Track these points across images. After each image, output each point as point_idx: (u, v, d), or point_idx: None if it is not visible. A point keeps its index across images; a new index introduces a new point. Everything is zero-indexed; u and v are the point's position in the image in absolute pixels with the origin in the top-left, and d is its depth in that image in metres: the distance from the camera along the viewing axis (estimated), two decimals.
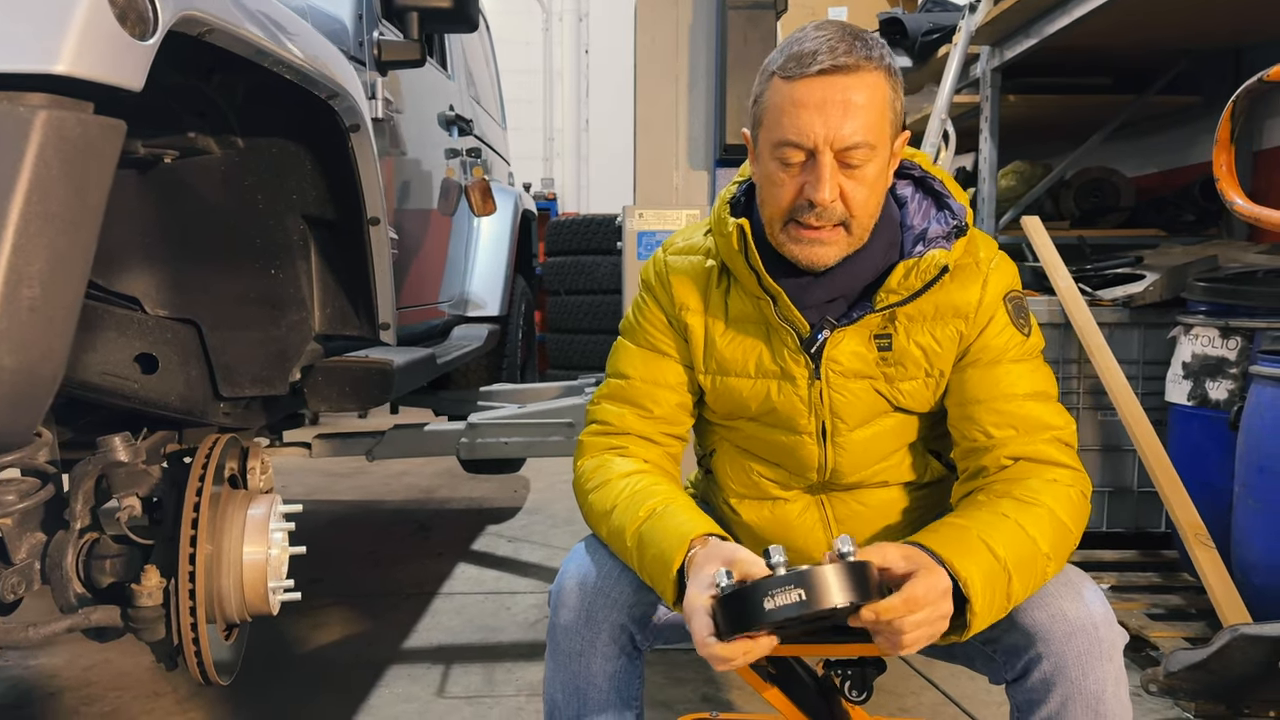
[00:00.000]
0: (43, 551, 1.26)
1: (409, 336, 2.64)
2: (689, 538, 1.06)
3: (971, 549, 1.02)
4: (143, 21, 0.88)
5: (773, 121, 1.11)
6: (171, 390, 1.75)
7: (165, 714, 2.00)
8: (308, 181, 1.66)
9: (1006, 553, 1.03)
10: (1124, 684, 1.05)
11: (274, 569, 1.30)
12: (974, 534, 1.05)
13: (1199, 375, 2.44)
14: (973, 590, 0.99)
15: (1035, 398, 1.17)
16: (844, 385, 1.20)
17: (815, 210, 1.10)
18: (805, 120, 1.08)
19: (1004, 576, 1.02)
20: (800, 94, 1.08)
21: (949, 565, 0.99)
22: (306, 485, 4.28)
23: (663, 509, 1.12)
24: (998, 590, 1.01)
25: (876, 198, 1.14)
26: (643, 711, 1.23)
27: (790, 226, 1.13)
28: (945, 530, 1.07)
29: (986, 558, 1.02)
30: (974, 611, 0.99)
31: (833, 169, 1.09)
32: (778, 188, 1.12)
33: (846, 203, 1.10)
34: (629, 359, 1.30)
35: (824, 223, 1.11)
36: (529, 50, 7.22)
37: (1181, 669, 1.92)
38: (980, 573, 1.00)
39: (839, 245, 1.13)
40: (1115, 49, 3.43)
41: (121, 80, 0.85)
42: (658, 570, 1.08)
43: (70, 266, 0.84)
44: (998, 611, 1.02)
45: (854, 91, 1.08)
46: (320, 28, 1.95)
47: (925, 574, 0.97)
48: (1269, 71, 1.53)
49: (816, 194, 1.08)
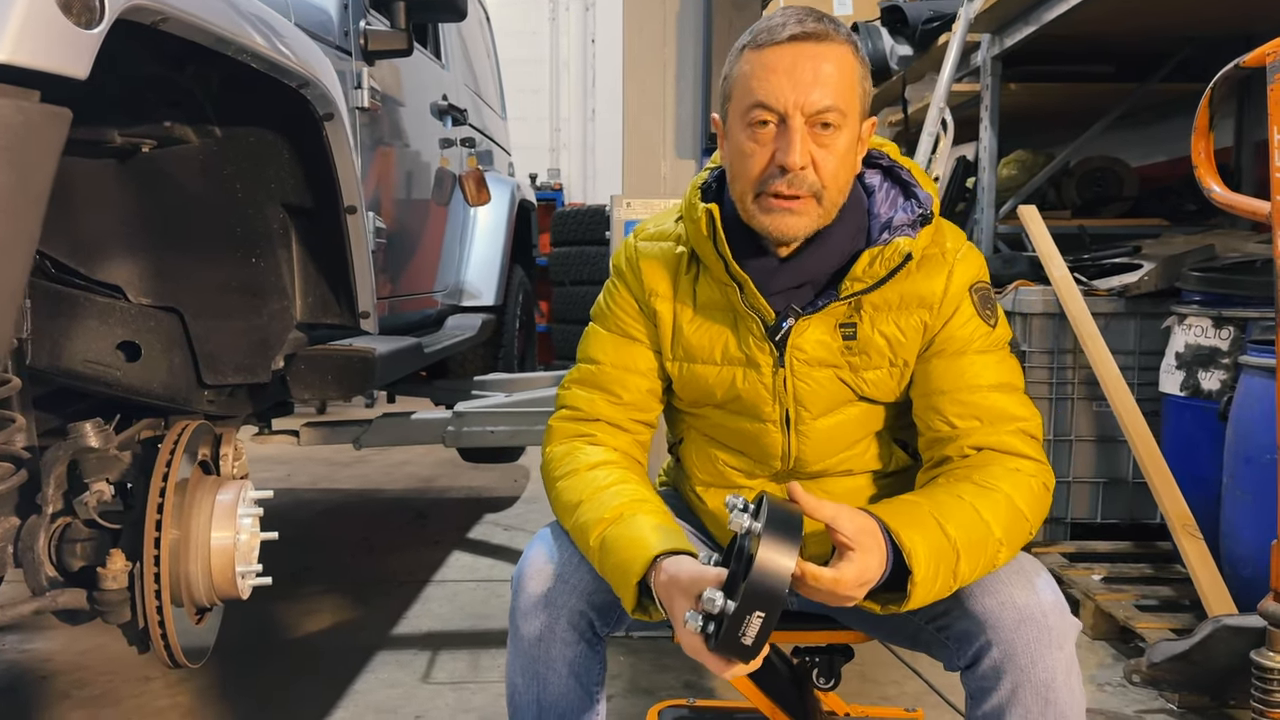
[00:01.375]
0: (16, 535, 1.28)
1: (403, 325, 2.65)
2: (653, 553, 1.06)
3: (921, 523, 1.03)
4: (88, 10, 0.89)
5: (743, 90, 1.11)
6: (154, 378, 1.77)
7: (153, 697, 2.02)
8: (286, 170, 1.67)
9: (957, 532, 1.03)
10: (1075, 672, 1.05)
11: (242, 554, 1.31)
12: (926, 510, 1.05)
13: (1191, 365, 2.42)
14: (916, 561, 0.99)
15: (1000, 389, 1.17)
16: (808, 373, 1.20)
17: (787, 177, 1.09)
18: (776, 83, 1.08)
19: (952, 554, 1.02)
20: (771, 59, 1.09)
21: (895, 535, 1.00)
22: (310, 474, 4.31)
23: (629, 515, 1.12)
24: (943, 566, 1.01)
25: (846, 172, 1.13)
26: (603, 696, 1.23)
27: (762, 197, 1.12)
28: (899, 504, 1.08)
29: (935, 533, 1.02)
30: (914, 583, 0.99)
31: (804, 134, 1.09)
32: (748, 158, 1.12)
33: (818, 171, 1.10)
34: (600, 344, 1.30)
35: (796, 190, 1.10)
36: (535, 40, 7.22)
37: (1164, 660, 1.91)
38: (926, 546, 1.00)
39: (810, 216, 1.13)
40: (1117, 36, 3.40)
41: (64, 69, 0.86)
42: (618, 579, 1.08)
43: (12, 251, 0.85)
44: (942, 588, 1.02)
45: (824, 59, 1.09)
46: (305, 18, 1.96)
47: (854, 558, 0.97)
48: (1245, 58, 1.51)
49: (788, 158, 1.08)
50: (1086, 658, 2.25)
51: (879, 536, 1.00)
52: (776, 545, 0.91)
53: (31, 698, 2.04)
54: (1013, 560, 1.09)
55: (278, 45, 1.38)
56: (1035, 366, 2.83)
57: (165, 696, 2.03)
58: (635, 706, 1.96)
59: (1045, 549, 2.73)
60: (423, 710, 1.97)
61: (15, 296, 0.86)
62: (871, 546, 0.98)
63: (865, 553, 0.98)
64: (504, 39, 6.66)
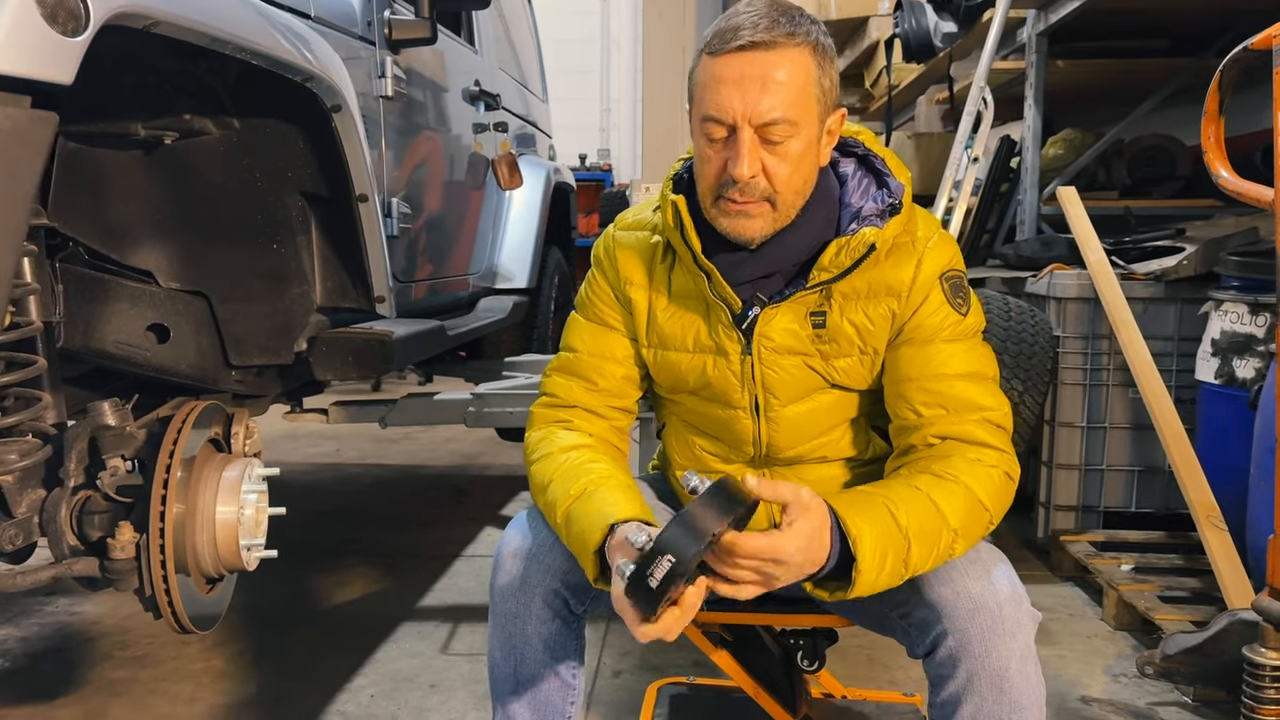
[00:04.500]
0: (41, 506, 1.37)
1: (433, 307, 2.72)
2: (609, 520, 1.09)
3: (870, 510, 1.04)
4: (74, 18, 0.94)
5: (699, 98, 1.13)
6: (183, 359, 1.86)
7: (189, 661, 2.14)
8: (302, 160, 1.73)
9: (909, 521, 1.04)
10: (1031, 661, 1.05)
11: (246, 528, 1.38)
12: (879, 499, 1.06)
13: (1227, 353, 2.36)
14: (861, 547, 1.00)
15: (968, 378, 1.17)
16: (775, 361, 1.21)
17: (737, 185, 1.11)
18: (725, 96, 1.09)
19: (902, 542, 1.03)
20: (720, 70, 1.10)
21: (841, 520, 1.01)
22: (359, 449, 4.45)
23: (593, 489, 1.16)
24: (892, 554, 1.02)
25: (802, 174, 1.14)
26: (580, 670, 1.28)
27: (720, 201, 1.15)
28: (852, 493, 1.09)
29: (885, 521, 1.03)
30: (859, 569, 1.00)
31: (752, 144, 1.10)
32: (705, 163, 1.14)
33: (769, 178, 1.12)
34: (578, 333, 1.34)
35: (747, 197, 1.12)
36: (587, 21, 7.21)
37: (1178, 652, 1.88)
38: (873, 533, 1.01)
39: (764, 219, 1.14)
40: (1172, 10, 3.27)
41: (50, 76, 0.92)
42: (579, 548, 1.12)
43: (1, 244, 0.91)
44: (891, 575, 1.03)
45: (774, 68, 1.09)
46: (327, 9, 2.02)
47: (798, 528, 0.97)
48: (1253, 40, 1.47)
49: (735, 169, 1.10)
50: (1106, 648, 2.23)
51: (824, 514, 1.01)
52: (706, 504, 0.93)
53: (78, 657, 2.17)
54: (971, 550, 1.10)
55: (280, 41, 1.44)
56: (1070, 352, 2.79)
57: (200, 660, 2.14)
58: (644, 683, 2.00)
59: (1075, 537, 2.70)
60: (437, 680, 2.04)
61: (3, 286, 0.93)
62: (814, 520, 0.99)
63: (807, 523, 0.98)
64: (555, 19, 6.68)
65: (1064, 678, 2.07)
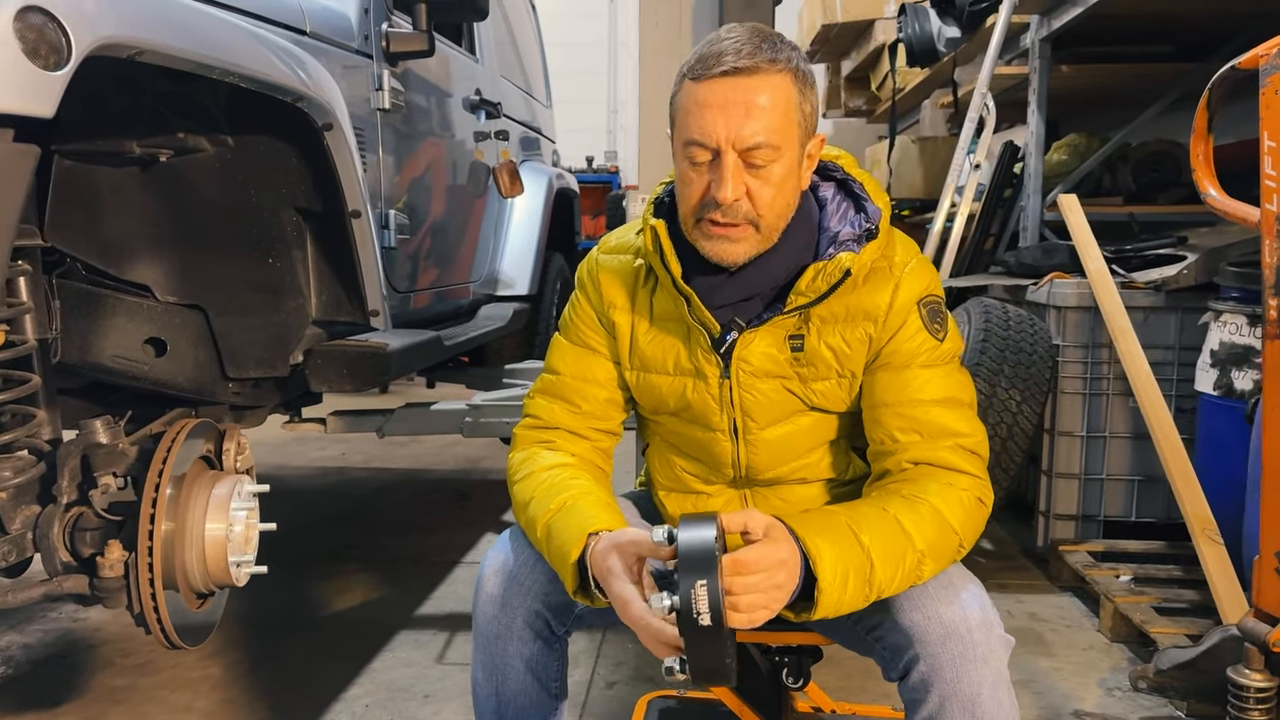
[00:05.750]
0: (35, 523, 1.39)
1: (432, 316, 2.73)
2: (588, 530, 1.11)
3: (832, 531, 1.05)
4: (56, 52, 0.96)
5: (681, 122, 1.14)
6: (181, 371, 1.89)
7: (188, 669, 2.17)
8: (295, 176, 1.75)
9: (872, 541, 1.04)
10: (1003, 686, 1.06)
11: (236, 545, 1.40)
12: (842, 520, 1.07)
13: (1225, 364, 2.35)
14: (821, 567, 1.01)
15: (943, 403, 1.17)
16: (753, 385, 1.22)
17: (721, 208, 1.12)
18: (709, 120, 1.10)
19: (865, 562, 1.03)
20: (704, 95, 1.11)
21: (801, 541, 1.02)
22: (365, 453, 4.48)
23: (573, 503, 1.17)
24: (854, 574, 1.03)
25: (784, 198, 1.15)
26: (563, 692, 1.29)
27: (702, 223, 1.15)
28: (815, 514, 1.10)
29: (847, 541, 1.04)
30: (821, 589, 1.01)
31: (736, 168, 1.11)
32: (687, 186, 1.15)
33: (752, 201, 1.12)
34: (561, 355, 1.35)
35: (731, 219, 1.13)
36: (595, 23, 7.23)
37: (1170, 667, 1.88)
38: (834, 552, 1.02)
39: (748, 243, 1.15)
40: (1177, 15, 3.26)
41: (31, 110, 0.94)
42: (559, 561, 1.13)
43: None
44: (855, 596, 1.03)
45: (757, 93, 1.10)
46: (324, 24, 2.03)
47: (764, 543, 1.00)
48: (1241, 59, 1.46)
49: (719, 192, 1.11)
50: (1101, 660, 2.22)
51: (786, 534, 1.02)
52: (690, 524, 0.97)
53: (80, 663, 2.20)
54: (944, 574, 1.10)
55: (270, 62, 1.45)
56: (1070, 361, 2.78)
57: (198, 668, 2.17)
58: (638, 694, 2.01)
59: (1074, 547, 2.69)
60: (431, 690, 2.06)
61: None
62: (779, 538, 1.01)
63: (773, 541, 1.00)
64: (563, 22, 6.69)
65: (1058, 690, 2.07)
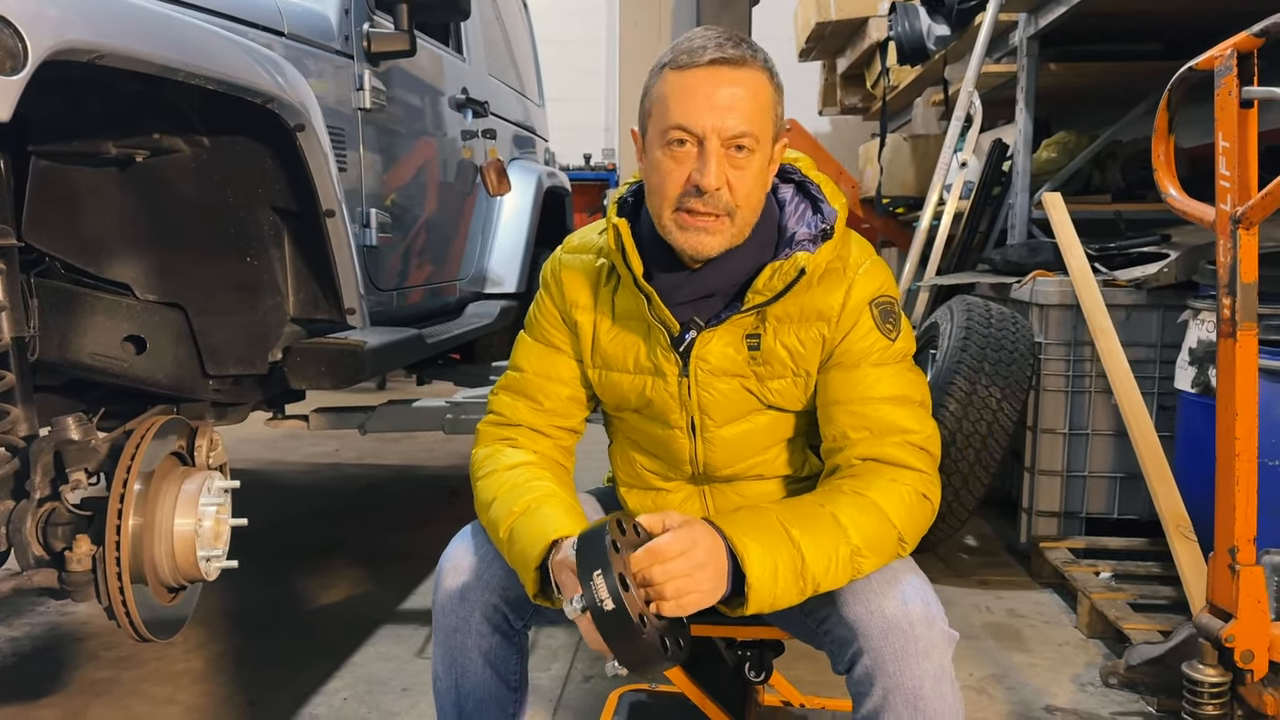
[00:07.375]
0: (8, 518, 1.42)
1: (417, 313, 2.75)
2: (551, 537, 1.13)
3: (760, 527, 1.07)
4: (11, 57, 0.98)
5: (662, 110, 1.15)
6: (160, 369, 1.90)
7: (171, 662, 2.19)
8: (271, 176, 1.77)
9: (803, 535, 1.06)
10: (945, 679, 1.07)
11: (205, 540, 1.42)
12: (773, 516, 1.09)
13: (1203, 362, 2.36)
14: (749, 561, 1.03)
15: (893, 401, 1.19)
16: (711, 383, 1.24)
17: (703, 196, 1.13)
18: (695, 107, 1.12)
19: (796, 555, 1.05)
20: (690, 83, 1.13)
21: (728, 539, 1.05)
22: (358, 449, 4.50)
23: (535, 507, 1.19)
24: (784, 568, 1.05)
25: (759, 192, 1.17)
26: (523, 684, 1.31)
27: (678, 214, 1.16)
28: (744, 512, 1.13)
29: (776, 535, 1.06)
30: (750, 582, 1.03)
31: (720, 156, 1.12)
32: (666, 176, 1.15)
33: (733, 191, 1.14)
34: (525, 353, 1.37)
35: (711, 209, 1.14)
36: (591, 20, 7.23)
37: (1140, 663, 1.89)
38: (760, 547, 1.04)
39: (723, 235, 1.16)
40: (1165, 13, 3.26)
41: None
42: (520, 566, 1.15)
43: None
44: (788, 588, 1.05)
45: (741, 84, 1.12)
46: (303, 24, 2.05)
47: (675, 530, 1.03)
48: (1197, 61, 1.47)
49: (704, 179, 1.12)
50: (1076, 656, 2.24)
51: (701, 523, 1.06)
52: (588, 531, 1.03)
53: (65, 657, 2.23)
54: (887, 568, 1.12)
55: (239, 64, 1.47)
56: (1052, 359, 2.79)
57: (181, 661, 2.19)
58: (615, 688, 2.03)
59: (1054, 543, 2.70)
60: (410, 683, 2.08)
61: None
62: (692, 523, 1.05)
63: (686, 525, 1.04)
64: (559, 19, 6.70)
65: (1031, 686, 2.09)
